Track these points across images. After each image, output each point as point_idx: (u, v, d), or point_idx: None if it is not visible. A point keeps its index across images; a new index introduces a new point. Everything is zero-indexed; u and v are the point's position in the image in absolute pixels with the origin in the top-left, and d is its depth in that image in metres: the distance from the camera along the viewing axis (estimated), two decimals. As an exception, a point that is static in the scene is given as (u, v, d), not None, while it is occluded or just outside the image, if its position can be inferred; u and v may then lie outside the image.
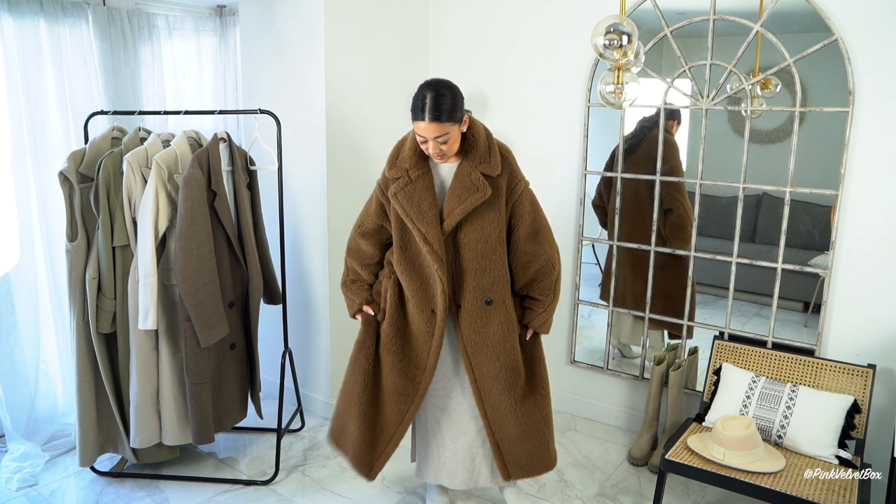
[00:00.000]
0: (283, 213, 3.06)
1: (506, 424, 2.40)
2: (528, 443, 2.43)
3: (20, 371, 3.04)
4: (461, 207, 2.24)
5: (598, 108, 3.24)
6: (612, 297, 3.35)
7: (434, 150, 2.21)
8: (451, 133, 2.19)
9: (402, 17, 3.56)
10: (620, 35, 2.01)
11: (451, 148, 2.23)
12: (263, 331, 3.26)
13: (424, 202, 2.26)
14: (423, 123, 2.16)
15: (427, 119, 2.14)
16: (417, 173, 2.29)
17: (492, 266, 2.32)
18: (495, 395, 2.37)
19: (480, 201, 2.24)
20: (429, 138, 2.18)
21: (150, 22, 3.58)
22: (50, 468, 2.99)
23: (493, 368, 2.35)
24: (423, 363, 2.37)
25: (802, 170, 2.78)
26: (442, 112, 2.14)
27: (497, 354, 2.35)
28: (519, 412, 2.39)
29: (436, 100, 2.14)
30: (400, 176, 2.30)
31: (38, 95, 3.09)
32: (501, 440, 2.41)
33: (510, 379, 2.37)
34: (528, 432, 2.42)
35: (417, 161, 2.30)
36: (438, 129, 2.15)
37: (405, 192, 2.28)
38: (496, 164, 2.27)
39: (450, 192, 2.28)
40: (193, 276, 2.59)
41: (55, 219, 3.11)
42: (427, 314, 2.34)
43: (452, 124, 2.18)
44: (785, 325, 3.01)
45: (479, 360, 2.36)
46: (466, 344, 2.36)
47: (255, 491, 2.87)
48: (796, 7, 2.68)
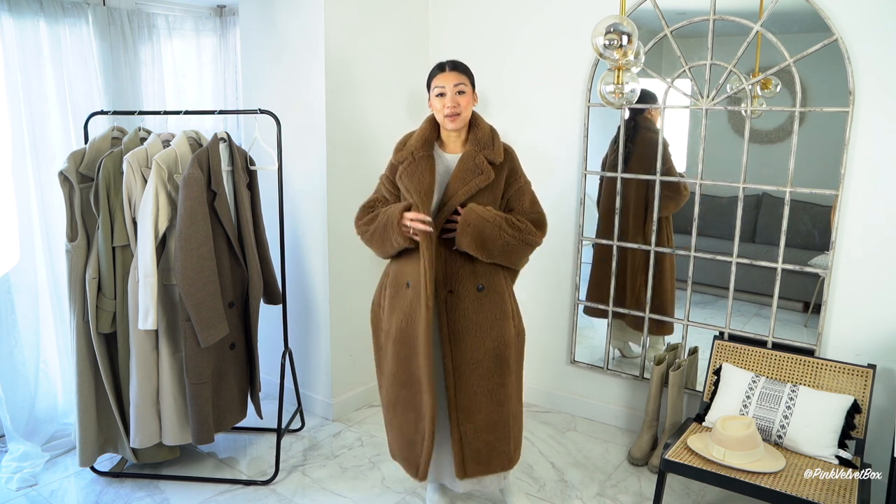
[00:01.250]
0: (283, 213, 3.06)
1: (475, 413, 2.39)
2: (493, 434, 2.43)
3: (20, 371, 3.04)
4: (466, 188, 2.32)
5: (598, 108, 3.24)
6: (612, 297, 3.35)
7: (451, 102, 2.34)
8: (467, 88, 2.38)
9: (402, 17, 3.56)
10: (620, 35, 2.01)
11: (465, 107, 2.37)
12: (263, 331, 3.26)
13: (425, 178, 2.36)
14: (444, 74, 2.37)
15: (447, 69, 2.38)
16: (422, 154, 2.39)
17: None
18: (473, 380, 2.38)
19: (485, 183, 2.34)
20: (448, 86, 2.34)
21: (150, 22, 3.58)
22: (50, 468, 2.99)
23: (476, 353, 2.37)
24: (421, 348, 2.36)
25: (802, 170, 2.78)
26: (459, 65, 2.41)
27: (483, 340, 2.37)
28: (493, 400, 2.41)
29: (453, 61, 2.43)
30: (406, 158, 2.40)
31: (38, 95, 3.08)
32: (465, 431, 2.41)
33: (493, 366, 2.39)
34: (497, 422, 2.43)
35: (423, 145, 2.41)
36: (457, 78, 2.36)
37: (408, 170, 2.38)
38: (499, 152, 2.39)
39: (454, 174, 2.36)
40: (193, 276, 2.59)
41: (55, 219, 3.11)
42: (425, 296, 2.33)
43: (468, 80, 2.40)
44: (785, 325, 3.01)
45: (462, 345, 2.37)
46: (451, 329, 2.37)
47: (255, 491, 2.87)
48: (796, 7, 2.68)
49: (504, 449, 2.47)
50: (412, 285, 2.37)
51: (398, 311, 2.42)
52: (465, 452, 2.42)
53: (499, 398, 2.42)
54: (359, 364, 3.62)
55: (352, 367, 3.59)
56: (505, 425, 2.45)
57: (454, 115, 2.35)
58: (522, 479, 2.95)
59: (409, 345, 2.39)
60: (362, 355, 3.62)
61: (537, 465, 3.07)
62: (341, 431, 3.39)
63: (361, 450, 3.21)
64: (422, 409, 2.39)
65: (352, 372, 3.59)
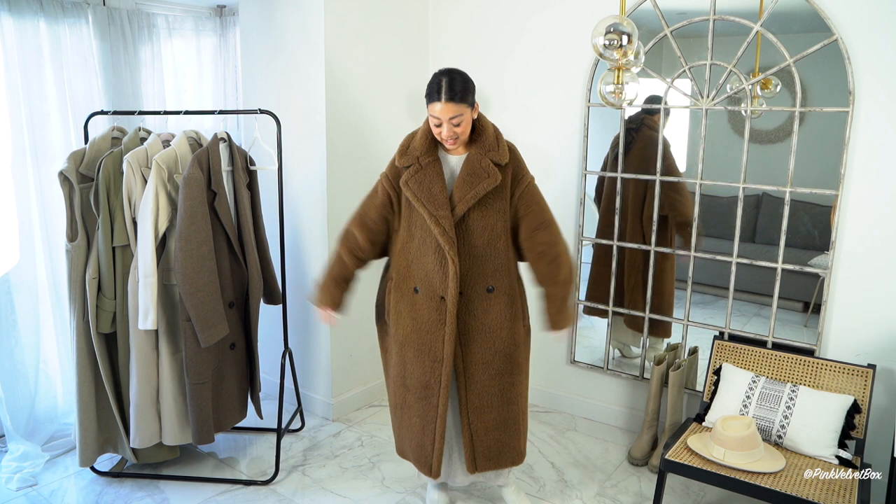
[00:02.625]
0: (283, 213, 3.05)
1: (487, 412, 2.43)
2: (503, 432, 2.47)
3: (20, 371, 3.04)
4: (473, 192, 2.30)
5: (598, 108, 3.24)
6: (612, 296, 3.35)
7: (448, 134, 2.28)
8: (464, 116, 2.27)
9: (402, 17, 3.56)
10: (620, 35, 2.01)
11: (463, 131, 2.30)
12: (263, 331, 3.26)
13: (435, 186, 2.32)
14: (439, 105, 2.24)
15: (443, 100, 2.23)
16: (428, 160, 2.35)
17: (495, 254, 2.37)
18: (484, 381, 2.40)
19: (492, 186, 2.31)
20: (444, 120, 2.25)
21: (150, 22, 3.58)
22: (50, 468, 2.99)
23: (487, 354, 2.39)
24: (439, 354, 2.37)
25: (802, 170, 2.78)
26: (456, 93, 2.23)
27: (493, 341, 2.39)
28: (503, 399, 2.44)
29: (450, 83, 2.24)
30: (411, 164, 2.36)
31: (38, 95, 3.08)
32: (476, 430, 2.44)
33: (502, 365, 2.41)
34: (507, 420, 2.46)
35: (428, 150, 2.37)
36: (453, 110, 2.24)
37: (416, 178, 2.34)
38: (504, 153, 2.35)
39: (460, 178, 2.33)
40: (193, 276, 2.59)
41: (55, 219, 3.11)
42: (436, 302, 2.35)
43: (466, 106, 2.26)
44: (785, 325, 3.01)
45: (473, 346, 2.39)
46: (461, 330, 2.38)
47: (255, 491, 2.87)
48: (796, 7, 2.68)
49: (514, 445, 2.51)
50: (421, 291, 2.38)
51: (405, 316, 2.42)
52: (476, 449, 2.46)
53: (509, 397, 2.45)
54: (359, 364, 3.62)
55: (352, 367, 3.59)
56: (514, 422, 2.48)
57: (452, 142, 2.31)
58: (522, 479, 2.95)
59: (416, 349, 2.40)
60: (362, 355, 3.63)
61: (537, 465, 3.07)
62: (341, 431, 3.39)
63: (361, 450, 3.21)
64: (428, 413, 2.41)
65: (352, 372, 3.59)
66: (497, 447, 2.48)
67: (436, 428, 2.41)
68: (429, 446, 2.44)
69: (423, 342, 2.39)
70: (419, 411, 2.44)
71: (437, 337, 2.37)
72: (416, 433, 2.47)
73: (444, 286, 2.33)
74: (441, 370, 2.37)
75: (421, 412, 2.43)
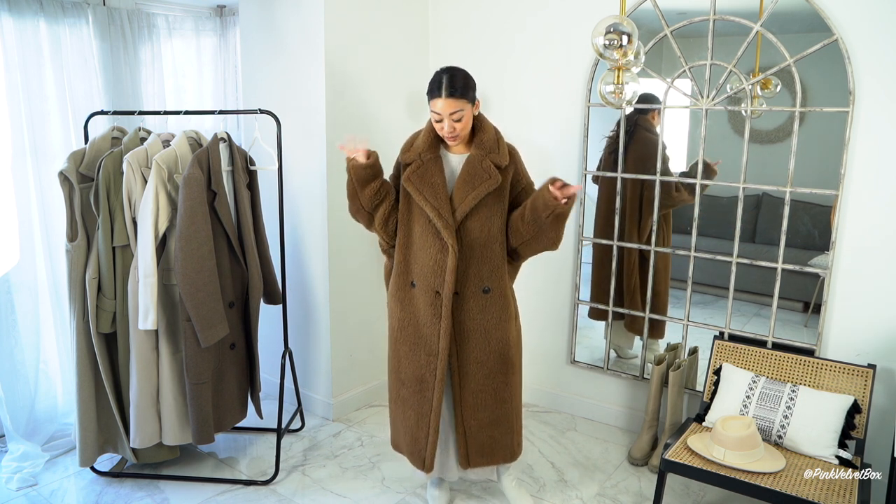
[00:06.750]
0: (283, 213, 3.05)
1: (480, 410, 2.46)
2: (496, 430, 2.50)
3: (20, 371, 3.04)
4: (475, 193, 2.33)
5: (598, 108, 3.24)
6: (612, 296, 3.35)
7: (448, 129, 2.31)
8: (464, 111, 2.31)
9: (402, 17, 3.56)
10: (620, 35, 2.01)
11: (464, 128, 2.34)
12: (263, 331, 3.26)
13: (436, 179, 2.36)
14: (440, 100, 2.28)
15: (444, 95, 2.27)
16: (430, 157, 2.39)
17: (491, 255, 2.40)
18: (479, 379, 2.44)
19: (493, 188, 2.34)
20: (444, 115, 2.29)
21: (150, 22, 3.58)
22: (50, 468, 2.99)
23: (481, 354, 2.42)
24: (435, 348, 2.41)
25: (802, 170, 2.78)
26: (456, 88, 2.28)
27: (488, 341, 2.42)
28: (497, 398, 2.47)
29: (451, 79, 2.29)
30: (413, 160, 2.40)
31: (38, 95, 3.08)
32: (470, 427, 2.47)
33: (497, 365, 2.44)
34: (500, 418, 2.49)
35: (430, 147, 2.41)
36: (454, 105, 2.28)
37: (418, 173, 2.38)
38: (505, 155, 2.39)
39: (460, 178, 2.36)
40: (193, 276, 2.59)
41: (55, 219, 3.11)
42: (431, 296, 2.38)
43: (466, 102, 2.31)
44: (785, 325, 3.01)
45: (468, 346, 2.42)
46: (457, 329, 2.41)
47: (255, 491, 2.87)
48: (796, 7, 2.68)
49: (507, 442, 2.53)
50: (418, 285, 2.40)
51: (400, 310, 2.47)
52: (469, 446, 2.49)
53: (503, 396, 2.48)
54: (359, 364, 3.62)
55: (352, 367, 3.59)
56: (508, 421, 2.51)
57: (453, 137, 2.35)
58: (522, 479, 2.95)
59: (410, 344, 2.44)
60: (362, 355, 3.63)
61: (537, 465, 3.08)
62: (341, 431, 3.39)
63: (361, 450, 3.21)
64: (423, 406, 2.44)
65: (352, 372, 3.59)
66: (490, 444, 2.51)
67: (430, 422, 2.44)
68: (423, 440, 2.47)
69: (420, 336, 2.42)
70: (414, 405, 2.47)
71: (433, 331, 2.40)
72: (410, 426, 2.50)
73: (441, 280, 2.35)
74: (437, 364, 2.40)
75: (416, 406, 2.46)
